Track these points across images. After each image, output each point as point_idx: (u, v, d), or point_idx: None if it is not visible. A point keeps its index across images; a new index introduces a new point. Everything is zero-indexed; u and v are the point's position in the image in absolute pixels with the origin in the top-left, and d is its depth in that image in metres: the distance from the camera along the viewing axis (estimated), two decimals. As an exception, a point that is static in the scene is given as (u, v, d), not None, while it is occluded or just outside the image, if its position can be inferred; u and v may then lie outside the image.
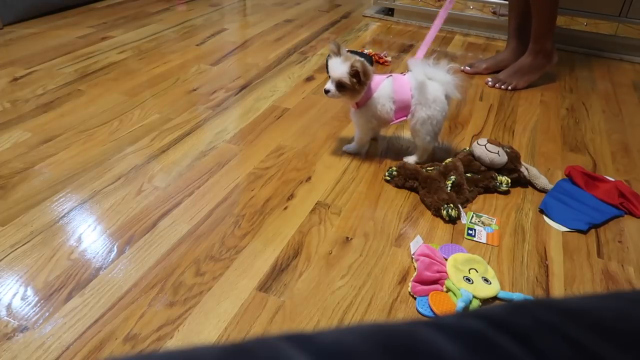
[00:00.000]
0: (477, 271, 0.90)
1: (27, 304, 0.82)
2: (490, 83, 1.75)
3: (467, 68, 1.86)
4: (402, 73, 1.20)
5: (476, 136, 1.42)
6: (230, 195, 1.11)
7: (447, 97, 1.16)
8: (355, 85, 1.11)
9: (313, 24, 2.36)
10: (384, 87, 1.16)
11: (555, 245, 1.02)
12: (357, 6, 2.68)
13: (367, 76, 1.10)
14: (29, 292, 0.84)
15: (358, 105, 1.18)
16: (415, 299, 0.87)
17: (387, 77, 1.18)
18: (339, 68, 1.10)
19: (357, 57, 1.12)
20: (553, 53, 1.73)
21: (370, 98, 1.16)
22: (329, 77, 1.13)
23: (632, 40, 2.04)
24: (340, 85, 1.11)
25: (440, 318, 0.30)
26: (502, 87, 1.73)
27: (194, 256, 0.93)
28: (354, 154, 1.28)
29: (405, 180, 1.15)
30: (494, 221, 1.07)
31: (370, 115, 1.19)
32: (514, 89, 1.73)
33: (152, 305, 0.83)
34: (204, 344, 0.41)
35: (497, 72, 1.81)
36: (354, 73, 1.09)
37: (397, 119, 1.19)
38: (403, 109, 1.17)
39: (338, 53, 1.12)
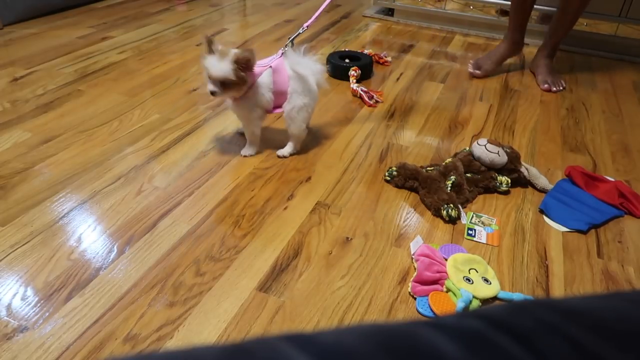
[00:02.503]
0: (477, 271, 0.90)
1: (27, 304, 0.82)
2: (545, 87, 1.74)
3: (477, 72, 1.80)
4: (278, 55, 1.19)
5: (476, 136, 1.42)
6: (230, 195, 1.11)
7: (318, 86, 1.19)
8: (243, 78, 1.08)
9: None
10: (264, 77, 1.14)
11: (555, 245, 1.02)
12: (357, 6, 2.68)
13: (252, 65, 1.08)
14: (29, 292, 0.84)
15: (240, 98, 1.14)
16: (415, 299, 0.87)
17: (268, 67, 1.15)
18: (220, 66, 1.05)
19: (234, 50, 1.07)
20: None
21: (252, 87, 1.13)
22: (209, 77, 1.08)
23: (632, 40, 2.04)
24: (225, 84, 1.08)
25: (440, 318, 0.30)
26: (560, 88, 1.75)
27: (194, 256, 0.93)
28: (255, 154, 1.25)
29: (405, 180, 1.15)
30: (494, 221, 1.07)
31: (253, 104, 1.16)
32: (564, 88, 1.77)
33: (152, 305, 0.83)
34: (204, 344, 0.41)
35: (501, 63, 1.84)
36: (245, 61, 1.05)
37: (274, 109, 1.20)
38: (280, 97, 1.18)
39: (212, 50, 1.06)
